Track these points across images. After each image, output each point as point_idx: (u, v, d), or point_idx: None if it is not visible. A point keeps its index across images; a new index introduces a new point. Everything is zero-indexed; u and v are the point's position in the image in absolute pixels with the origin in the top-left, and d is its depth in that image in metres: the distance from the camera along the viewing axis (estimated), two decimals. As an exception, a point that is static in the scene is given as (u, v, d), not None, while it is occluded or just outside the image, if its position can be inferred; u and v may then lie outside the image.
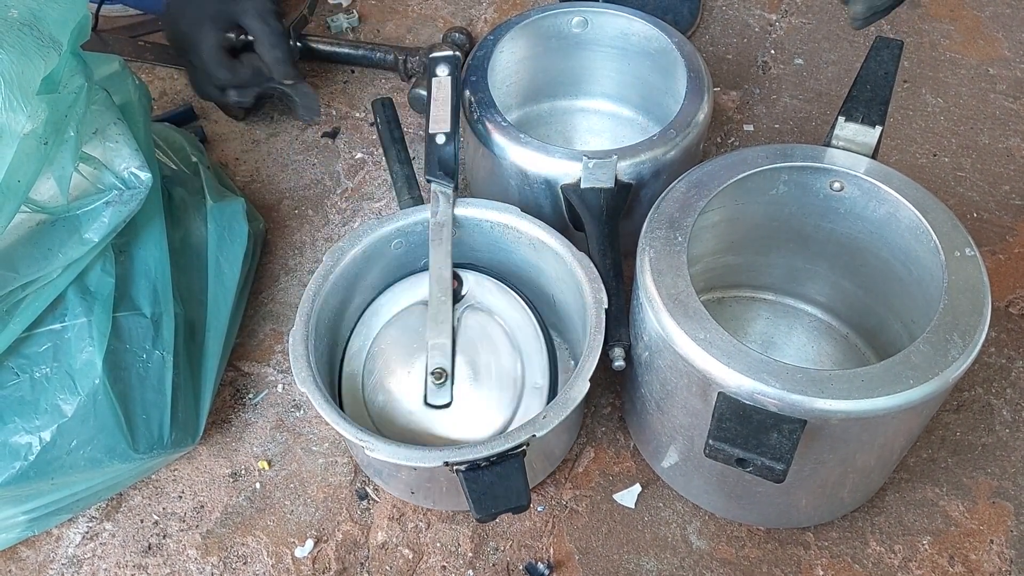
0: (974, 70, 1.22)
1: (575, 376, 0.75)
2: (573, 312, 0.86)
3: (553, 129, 1.13)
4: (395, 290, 0.88)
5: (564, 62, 1.08)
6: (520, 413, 0.81)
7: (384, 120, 0.95)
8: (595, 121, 1.13)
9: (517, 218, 0.86)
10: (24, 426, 0.77)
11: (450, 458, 0.70)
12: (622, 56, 1.06)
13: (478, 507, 0.70)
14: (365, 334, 0.86)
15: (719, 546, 0.84)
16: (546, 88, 1.12)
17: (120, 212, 0.80)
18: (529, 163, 0.91)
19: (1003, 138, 1.14)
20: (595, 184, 0.89)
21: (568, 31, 1.04)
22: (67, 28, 0.76)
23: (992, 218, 1.06)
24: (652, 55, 1.03)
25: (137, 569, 0.85)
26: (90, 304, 0.80)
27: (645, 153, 0.90)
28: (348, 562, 0.85)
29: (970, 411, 0.92)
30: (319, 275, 0.82)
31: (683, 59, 0.97)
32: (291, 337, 0.78)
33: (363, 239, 0.85)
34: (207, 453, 0.92)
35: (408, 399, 0.83)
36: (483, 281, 0.88)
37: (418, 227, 0.87)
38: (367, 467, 0.87)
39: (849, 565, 0.83)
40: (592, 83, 1.11)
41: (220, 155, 1.17)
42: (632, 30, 1.03)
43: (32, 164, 0.71)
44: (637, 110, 1.12)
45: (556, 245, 0.84)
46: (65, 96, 0.74)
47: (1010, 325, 0.97)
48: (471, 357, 0.84)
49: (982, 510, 0.86)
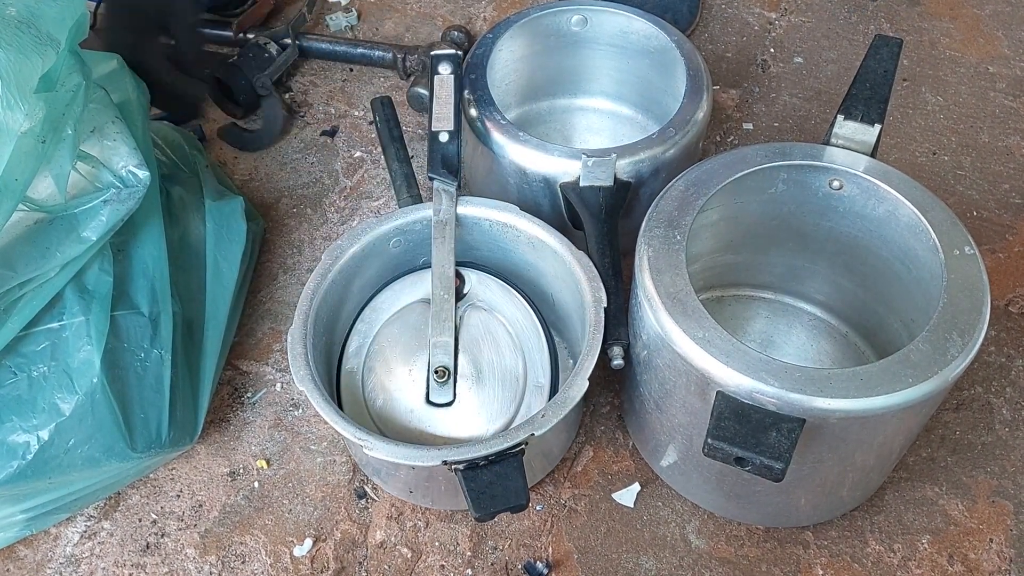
0: (974, 68, 1.22)
1: (574, 375, 0.75)
2: (572, 311, 0.86)
3: (552, 128, 1.13)
4: (395, 288, 0.88)
5: (563, 60, 1.08)
6: (522, 412, 0.81)
7: (383, 119, 0.95)
8: (594, 120, 1.13)
9: (516, 216, 0.86)
10: (22, 425, 0.77)
11: (449, 457, 0.70)
12: (621, 54, 1.06)
13: (477, 506, 0.69)
14: (365, 332, 0.86)
15: (718, 545, 0.84)
16: (545, 86, 1.11)
17: (118, 211, 0.79)
18: (528, 161, 0.91)
19: (1003, 136, 1.14)
20: (594, 182, 0.88)
21: (567, 29, 1.04)
22: (65, 26, 0.76)
23: (992, 216, 1.06)
24: (651, 53, 1.03)
25: (135, 568, 0.85)
26: (88, 303, 0.79)
27: (644, 152, 0.90)
28: (346, 561, 0.85)
29: (970, 410, 0.92)
30: (318, 274, 0.82)
31: (682, 57, 0.97)
32: (289, 336, 0.78)
33: (362, 238, 0.84)
34: (205, 452, 0.92)
35: (409, 397, 0.82)
36: (485, 280, 0.88)
37: (417, 225, 0.87)
38: (365, 466, 0.87)
39: (848, 564, 0.83)
40: (591, 81, 1.11)
41: (218, 154, 1.17)
42: (632, 28, 1.03)
43: (30, 162, 0.71)
44: (636, 108, 1.11)
45: (555, 244, 0.84)
46: (63, 94, 0.74)
47: (1010, 324, 0.97)
48: (473, 355, 0.84)
49: (982, 509, 0.86)
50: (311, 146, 1.18)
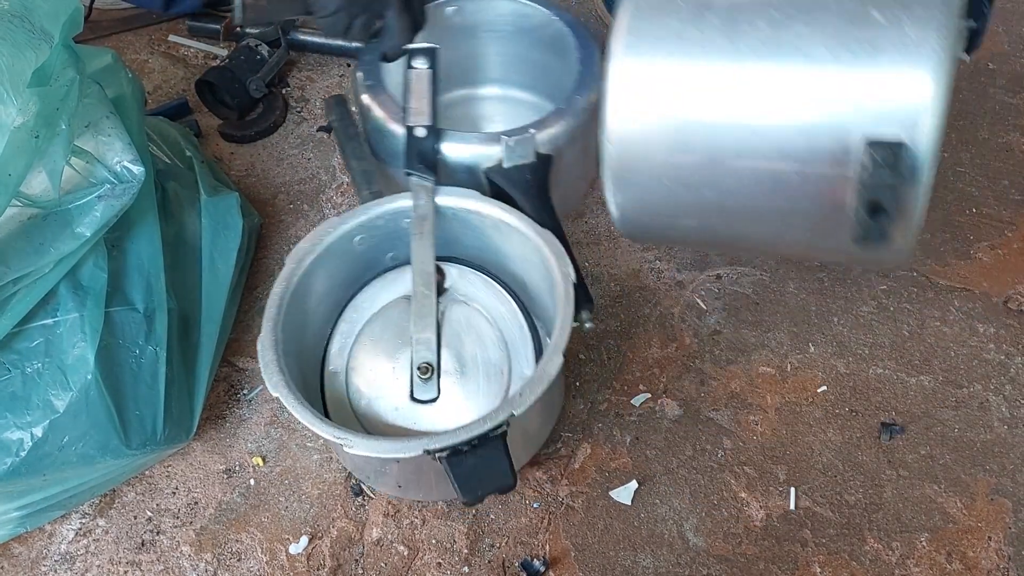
0: (973, 65, 1.21)
1: (550, 351, 0.75)
2: (543, 291, 0.86)
3: (451, 120, 1.11)
4: (375, 286, 0.88)
5: (450, 53, 1.07)
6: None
7: (338, 116, 0.95)
8: (489, 107, 1.14)
9: (478, 201, 0.85)
10: (15, 422, 0.76)
11: (430, 446, 0.70)
12: (506, 39, 1.07)
13: (464, 491, 0.70)
14: (347, 332, 0.86)
15: (716, 543, 0.84)
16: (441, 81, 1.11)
17: (113, 206, 0.79)
18: (448, 152, 0.90)
19: (1002, 132, 1.14)
20: (517, 161, 0.89)
21: (448, 22, 1.04)
22: (59, 20, 0.75)
23: (991, 213, 1.06)
24: (533, 31, 1.03)
25: (130, 566, 0.85)
26: (82, 299, 0.79)
27: (559, 122, 0.91)
28: (343, 559, 0.84)
29: (968, 408, 0.91)
30: (283, 278, 0.81)
31: (566, 27, 0.98)
32: (259, 343, 0.77)
33: (324, 238, 0.83)
34: (201, 449, 0.92)
35: (393, 395, 0.82)
36: (466, 273, 0.87)
37: (379, 221, 0.86)
38: (356, 470, 0.87)
39: (847, 562, 0.83)
40: (480, 71, 1.12)
41: (215, 149, 1.16)
42: (508, 10, 1.03)
43: (23, 158, 0.70)
44: (528, 90, 1.12)
45: (519, 224, 0.83)
46: (56, 89, 0.74)
47: (1009, 320, 0.97)
48: (457, 350, 0.83)
49: (980, 507, 0.85)
50: (308, 141, 1.17)
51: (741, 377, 0.94)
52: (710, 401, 0.92)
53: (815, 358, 0.95)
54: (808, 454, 0.89)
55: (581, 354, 0.96)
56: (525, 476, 0.88)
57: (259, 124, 1.16)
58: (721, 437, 0.90)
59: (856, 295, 0.99)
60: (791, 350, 0.96)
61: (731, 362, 0.95)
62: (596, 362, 0.96)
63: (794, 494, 0.86)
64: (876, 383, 0.93)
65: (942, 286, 1.00)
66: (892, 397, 0.92)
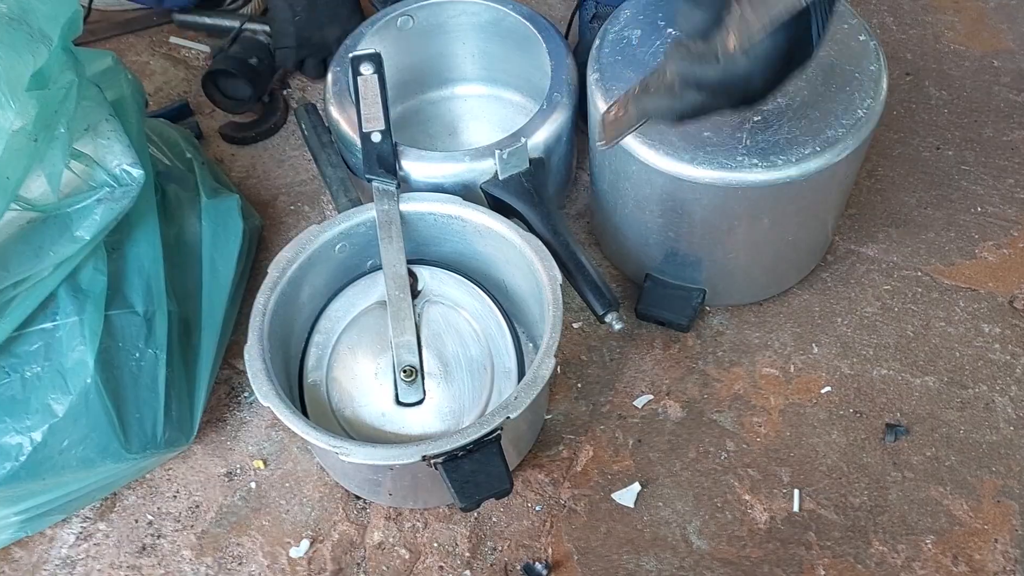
0: (978, 62, 1.20)
1: (542, 354, 0.75)
2: (527, 294, 0.86)
3: (432, 121, 1.12)
4: (347, 294, 0.87)
5: (422, 54, 1.08)
6: (494, 398, 0.81)
7: (310, 125, 0.95)
8: (468, 106, 1.13)
9: (460, 207, 0.85)
10: (15, 426, 0.76)
11: (428, 451, 0.70)
12: (469, 37, 1.07)
13: (462, 496, 0.70)
14: (322, 343, 0.85)
15: (719, 546, 0.83)
16: (412, 83, 1.11)
17: (112, 209, 0.79)
18: (443, 172, 0.90)
19: (1007, 131, 1.13)
20: (512, 171, 0.89)
21: (403, 30, 1.03)
22: (57, 23, 0.75)
23: (996, 212, 1.05)
24: (492, 25, 1.03)
25: (131, 570, 0.84)
26: (82, 302, 0.79)
27: (545, 124, 0.91)
28: (344, 562, 0.84)
29: (974, 409, 0.91)
30: (266, 287, 0.80)
31: (525, 20, 0.99)
32: (247, 353, 0.76)
33: (307, 247, 0.83)
34: (202, 452, 0.91)
35: (378, 401, 0.82)
36: (438, 274, 0.87)
37: (360, 228, 0.86)
38: (343, 479, 0.86)
39: (852, 565, 0.82)
40: (453, 69, 1.11)
41: (215, 151, 1.16)
42: (460, 10, 1.03)
43: (22, 161, 0.70)
44: (502, 86, 1.12)
45: (502, 228, 0.83)
46: (55, 92, 0.73)
47: (1015, 321, 0.96)
48: (438, 350, 0.83)
49: (987, 509, 0.85)
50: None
51: (744, 378, 0.93)
52: (713, 403, 0.92)
53: (819, 359, 0.94)
54: (812, 456, 0.88)
55: (583, 355, 0.96)
56: (527, 479, 0.88)
57: (260, 126, 1.16)
58: (724, 439, 0.90)
59: (860, 295, 0.99)
60: (794, 351, 0.95)
61: (734, 363, 0.94)
62: (598, 363, 0.95)
63: (798, 496, 0.86)
64: (880, 384, 0.92)
65: (947, 286, 0.99)
66: (897, 398, 0.91)
